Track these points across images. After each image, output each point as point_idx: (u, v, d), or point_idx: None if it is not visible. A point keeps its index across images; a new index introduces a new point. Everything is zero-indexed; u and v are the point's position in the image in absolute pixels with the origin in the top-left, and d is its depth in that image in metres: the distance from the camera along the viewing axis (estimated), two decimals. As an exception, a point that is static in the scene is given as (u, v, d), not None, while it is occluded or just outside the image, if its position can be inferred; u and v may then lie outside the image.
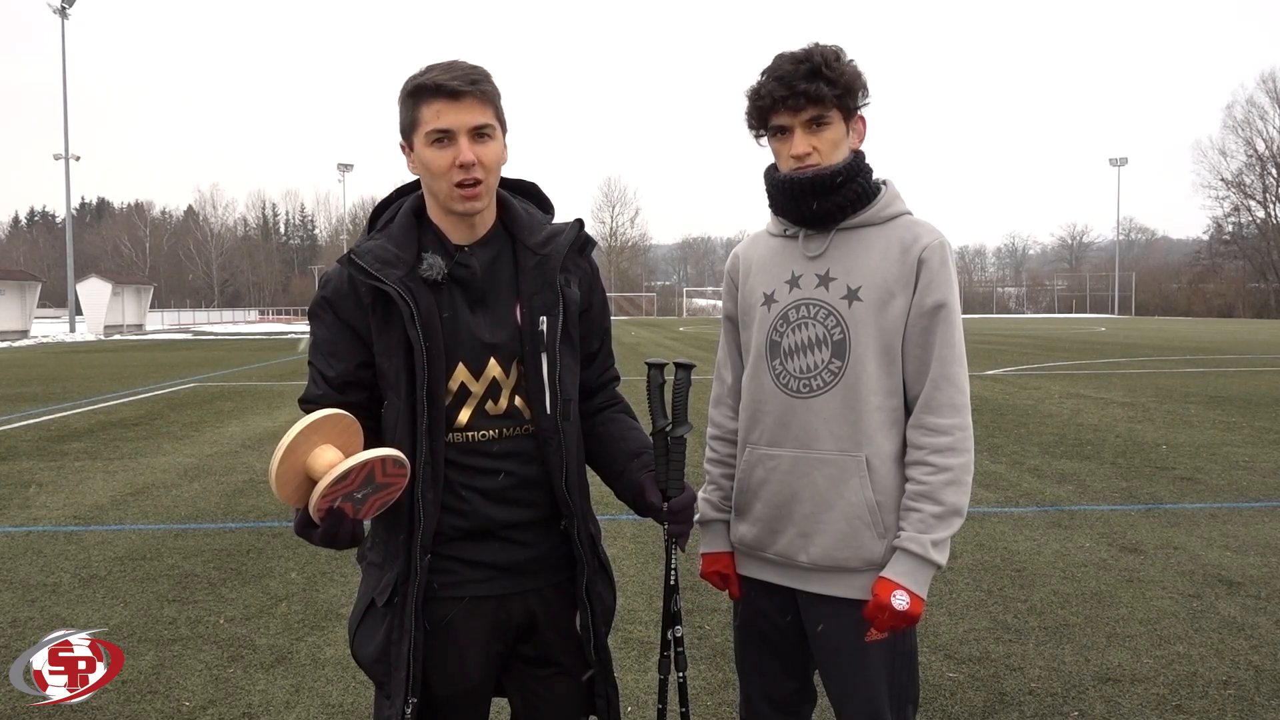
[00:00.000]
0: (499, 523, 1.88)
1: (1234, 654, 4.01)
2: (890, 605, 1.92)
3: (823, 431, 2.00)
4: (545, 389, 1.87)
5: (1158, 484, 7.47)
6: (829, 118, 1.98)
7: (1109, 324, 51.85)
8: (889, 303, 1.98)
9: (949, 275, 1.99)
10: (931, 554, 1.93)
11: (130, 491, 7.50)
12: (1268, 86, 75.45)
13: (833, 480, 2.00)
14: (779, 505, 2.07)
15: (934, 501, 1.94)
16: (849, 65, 1.99)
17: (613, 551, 5.58)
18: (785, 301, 2.08)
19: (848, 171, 1.99)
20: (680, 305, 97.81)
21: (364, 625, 1.90)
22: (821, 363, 2.02)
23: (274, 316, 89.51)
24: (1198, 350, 25.19)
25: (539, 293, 1.88)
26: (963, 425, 1.96)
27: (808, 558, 2.04)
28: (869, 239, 2.03)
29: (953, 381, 1.96)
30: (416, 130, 1.82)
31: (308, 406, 1.83)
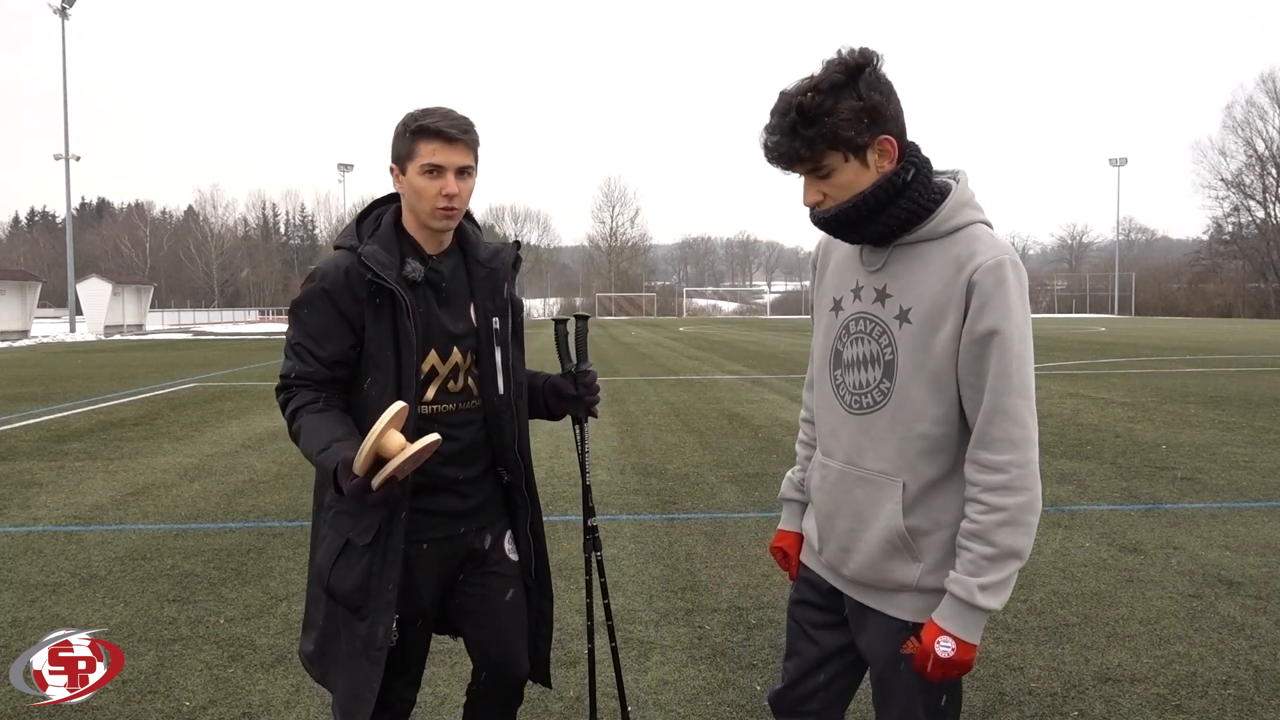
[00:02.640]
0: (449, 479, 2.32)
1: (1234, 654, 4.01)
2: (935, 654, 1.85)
3: (868, 450, 1.96)
4: (499, 374, 2.35)
5: (1158, 484, 7.47)
6: (827, 165, 1.85)
7: (1109, 324, 51.84)
8: (939, 327, 1.85)
9: (1006, 298, 1.80)
10: (978, 598, 1.82)
11: (130, 491, 7.50)
12: (1267, 86, 75.48)
13: (871, 500, 1.96)
14: (827, 515, 2.07)
15: (986, 543, 1.83)
16: (845, 106, 1.79)
17: (611, 551, 5.58)
18: (849, 311, 2.01)
19: (875, 200, 1.85)
20: (680, 305, 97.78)
21: (341, 562, 2.27)
22: (874, 380, 1.95)
23: (274, 316, 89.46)
24: (1198, 350, 25.19)
25: (491, 299, 2.37)
26: (1020, 462, 1.81)
27: (848, 571, 2.04)
28: (928, 255, 1.89)
29: (1009, 414, 1.81)
30: (412, 160, 2.21)
31: (297, 381, 2.25)
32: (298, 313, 2.24)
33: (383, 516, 2.21)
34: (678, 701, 3.63)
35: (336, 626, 2.34)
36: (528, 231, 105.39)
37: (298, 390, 2.25)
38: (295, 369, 2.24)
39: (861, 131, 1.81)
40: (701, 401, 13.45)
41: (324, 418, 2.18)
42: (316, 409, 2.20)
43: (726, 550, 5.64)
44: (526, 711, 3.57)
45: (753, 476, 7.89)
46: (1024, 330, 1.83)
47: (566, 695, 3.68)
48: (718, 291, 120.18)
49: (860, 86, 1.80)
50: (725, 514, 6.60)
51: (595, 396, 2.54)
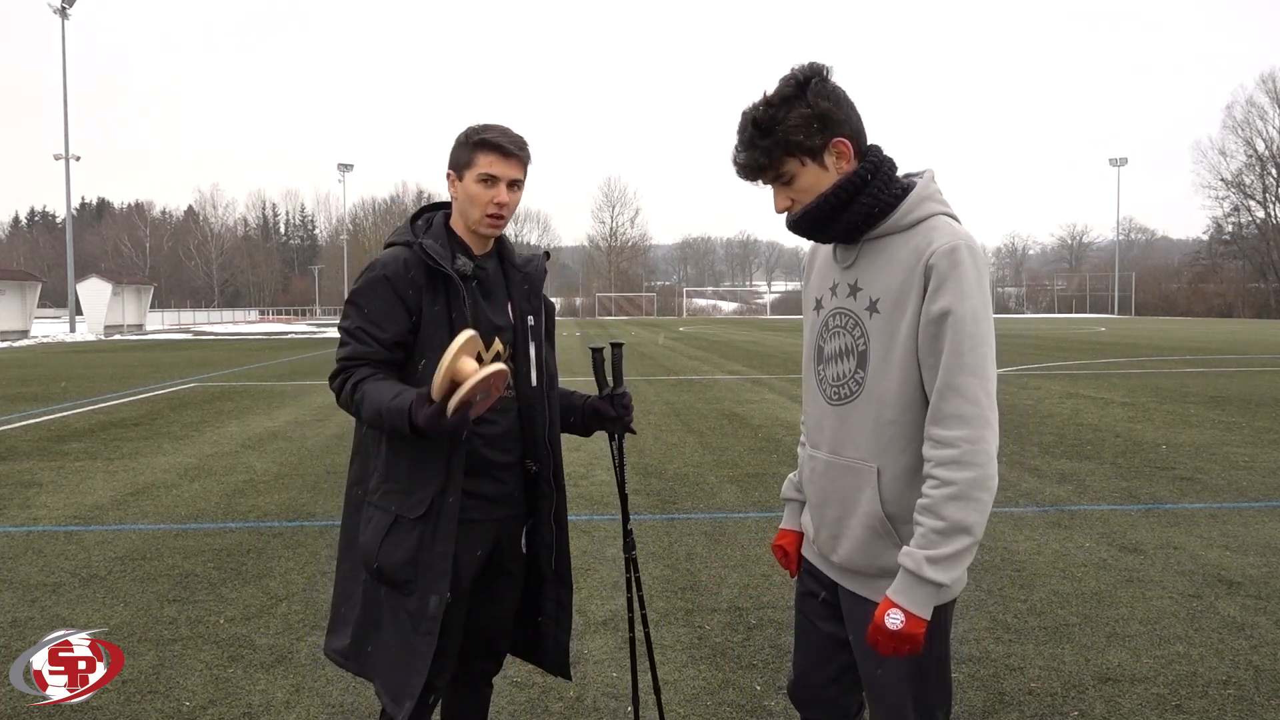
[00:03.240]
0: (490, 462, 2.45)
1: (1234, 654, 4.01)
2: (884, 625, 1.90)
3: (847, 439, 2.05)
4: (533, 367, 2.52)
5: (1158, 484, 7.47)
6: (787, 171, 1.98)
7: (1109, 324, 51.84)
8: (902, 313, 1.94)
9: (960, 279, 1.88)
10: (926, 570, 1.87)
11: (130, 491, 7.50)
12: (1267, 87, 75.49)
13: (853, 487, 2.04)
14: (817, 504, 2.17)
15: (936, 516, 1.88)
16: (795, 115, 1.93)
17: (612, 551, 5.58)
18: (828, 308, 2.13)
19: (836, 199, 1.97)
20: (680, 305, 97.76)
21: (391, 537, 2.36)
22: (849, 372, 2.05)
23: (274, 316, 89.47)
24: (1198, 350, 25.19)
25: (527, 299, 2.56)
26: (972, 438, 1.87)
27: (837, 558, 2.12)
28: (893, 247, 1.99)
29: (960, 392, 1.87)
30: (470, 169, 2.40)
31: (355, 363, 2.37)
32: (357, 300, 2.38)
33: (434, 490, 2.34)
34: (678, 701, 3.63)
35: (377, 615, 2.42)
36: (528, 231, 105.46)
37: (355, 369, 2.37)
38: (355, 351, 2.37)
39: (813, 135, 1.94)
40: (701, 401, 13.45)
41: (387, 381, 2.32)
42: (378, 378, 2.33)
43: (726, 550, 5.64)
44: (526, 711, 3.57)
45: (753, 476, 7.89)
46: (979, 312, 1.89)
47: (566, 695, 3.68)
48: (718, 291, 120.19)
49: (809, 96, 1.93)
50: (725, 514, 6.60)
51: (631, 415, 2.70)
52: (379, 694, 2.45)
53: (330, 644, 2.54)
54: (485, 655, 2.67)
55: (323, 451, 9.37)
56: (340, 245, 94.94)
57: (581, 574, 5.11)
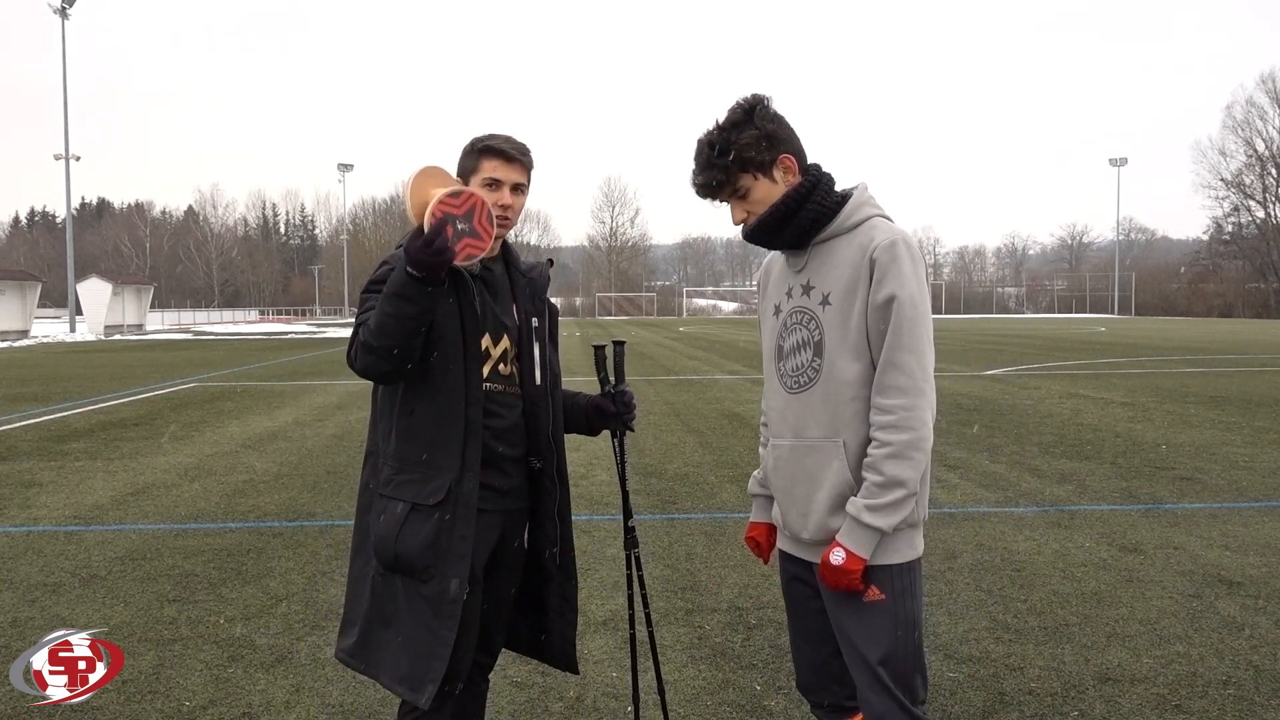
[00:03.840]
0: (498, 455, 2.50)
1: (1234, 654, 4.01)
2: (829, 560, 2.17)
3: (810, 421, 2.27)
4: (537, 366, 2.59)
5: (1158, 484, 7.47)
6: (742, 185, 2.26)
7: (1109, 324, 51.85)
8: (853, 302, 2.20)
9: (900, 269, 2.15)
10: (865, 517, 2.14)
11: (130, 491, 7.50)
12: (1267, 87, 75.50)
13: (820, 464, 2.26)
14: (785, 488, 2.35)
15: (876, 472, 2.15)
16: (746, 136, 2.21)
17: (612, 551, 5.58)
18: (785, 310, 2.37)
19: (786, 207, 2.24)
20: (680, 305, 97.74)
21: (408, 526, 2.38)
22: (806, 362, 2.29)
23: (274, 316, 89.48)
24: (1198, 350, 25.19)
25: (531, 301, 2.64)
26: (908, 405, 2.13)
27: (808, 534, 2.30)
28: (838, 248, 2.26)
29: (898, 366, 2.14)
30: (476, 174, 2.49)
31: None
32: (374, 288, 2.40)
33: (451, 478, 2.38)
34: (678, 701, 3.63)
35: (387, 610, 2.44)
36: (528, 231, 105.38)
37: None
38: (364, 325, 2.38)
39: (763, 152, 2.23)
40: (701, 401, 13.45)
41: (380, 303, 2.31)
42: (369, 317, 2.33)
43: (726, 550, 5.64)
44: (526, 711, 3.57)
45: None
46: (916, 297, 2.17)
47: (567, 695, 3.68)
48: (718, 291, 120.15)
49: (756, 119, 2.23)
50: (725, 514, 6.60)
51: (632, 414, 2.78)
52: (392, 687, 2.42)
53: (339, 644, 2.55)
54: (481, 649, 2.69)
55: (323, 451, 9.37)
56: (340, 245, 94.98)
57: (582, 574, 5.08)
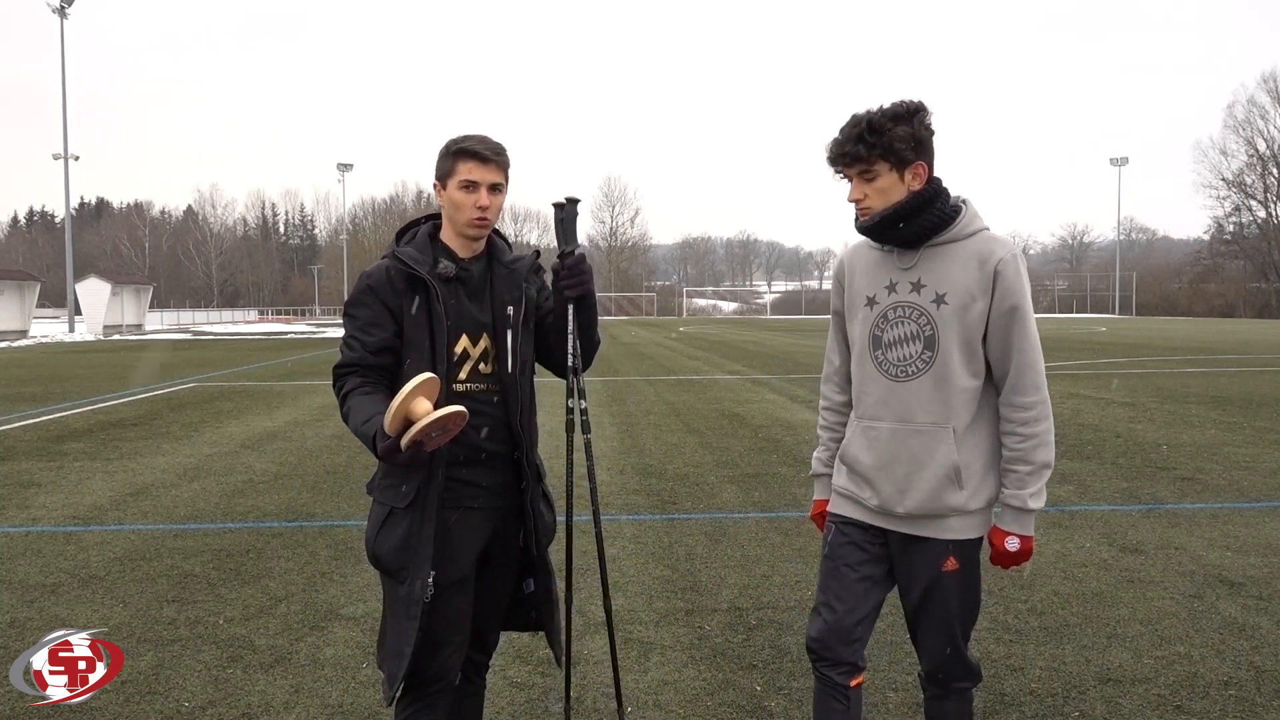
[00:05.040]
0: (484, 451, 2.59)
1: (1235, 654, 4.00)
2: (1005, 549, 2.48)
3: (916, 408, 2.47)
4: (509, 354, 2.63)
5: (1158, 484, 7.46)
6: (875, 171, 2.41)
7: (1110, 324, 51.85)
8: (970, 306, 2.41)
9: (1022, 283, 2.42)
10: (1029, 504, 2.46)
11: (130, 492, 7.49)
12: (1269, 86, 75.50)
13: (926, 446, 2.46)
14: (882, 466, 2.52)
15: (1026, 462, 2.45)
16: (901, 130, 2.36)
17: (612, 551, 5.57)
18: (885, 303, 2.52)
19: (906, 210, 2.41)
20: (680, 305, 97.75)
21: (385, 528, 2.52)
22: (915, 354, 2.47)
23: (273, 316, 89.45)
24: (1198, 350, 25.19)
25: (508, 290, 2.68)
26: (1042, 400, 2.45)
27: (904, 508, 2.50)
28: (953, 253, 2.45)
29: (1032, 367, 2.43)
30: (453, 177, 2.56)
31: (346, 369, 2.53)
32: (349, 311, 2.57)
33: (420, 480, 2.49)
34: (678, 702, 3.62)
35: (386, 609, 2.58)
36: (528, 231, 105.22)
37: (348, 377, 2.54)
38: (346, 358, 2.55)
39: (908, 150, 2.38)
40: (701, 401, 13.45)
41: (369, 398, 2.47)
42: (364, 392, 2.49)
43: (726, 550, 5.64)
44: (526, 711, 3.56)
45: (753, 477, 7.89)
46: (1030, 307, 2.46)
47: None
48: (718, 291, 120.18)
49: (915, 122, 2.39)
50: (725, 514, 6.59)
51: (571, 280, 2.69)
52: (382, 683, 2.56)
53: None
54: (475, 646, 2.75)
55: (322, 451, 9.36)
56: (340, 245, 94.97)
57: (581, 574, 5.09)
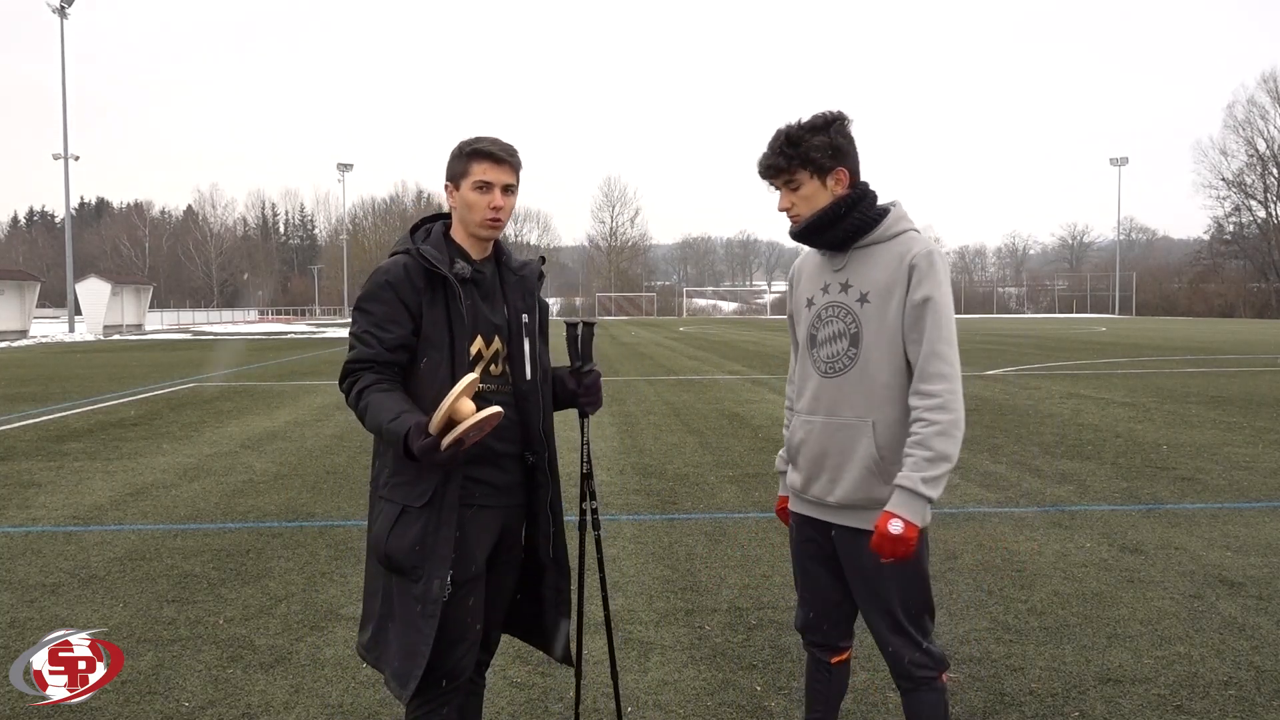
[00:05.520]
0: (495, 452, 2.59)
1: (1235, 654, 4.00)
2: (888, 531, 2.43)
3: (843, 402, 2.58)
4: (527, 361, 2.67)
5: (1158, 484, 7.46)
6: (797, 180, 2.56)
7: (1110, 324, 51.85)
8: (890, 302, 2.51)
9: (935, 276, 2.49)
10: (921, 488, 2.43)
11: (130, 492, 7.49)
12: (1269, 86, 75.52)
13: (851, 439, 2.57)
14: (815, 458, 2.65)
15: (925, 448, 2.44)
16: (818, 140, 2.51)
17: (612, 552, 5.57)
18: (819, 304, 2.66)
19: (830, 215, 2.55)
20: (680, 305, 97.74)
21: (398, 526, 2.50)
22: (841, 351, 2.59)
23: (274, 316, 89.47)
24: (1198, 350, 25.19)
25: (522, 298, 2.72)
26: (950, 390, 2.46)
27: (834, 498, 2.61)
28: (878, 254, 2.57)
29: (940, 356, 2.47)
30: (466, 178, 2.58)
31: (361, 365, 2.50)
32: (364, 306, 2.54)
33: (438, 480, 2.47)
34: (678, 702, 3.62)
35: (392, 606, 2.55)
36: (528, 231, 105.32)
37: (362, 373, 2.50)
38: (360, 354, 2.51)
39: (826, 159, 2.54)
40: (701, 401, 13.45)
41: (391, 395, 2.45)
42: (383, 389, 2.47)
43: (726, 550, 5.64)
44: (526, 711, 3.56)
45: (753, 476, 7.89)
46: (947, 299, 2.51)
47: (566, 696, 3.67)
48: (718, 291, 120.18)
49: (831, 131, 2.55)
50: (725, 514, 6.59)
51: (591, 398, 2.84)
52: (388, 683, 2.54)
53: (359, 639, 2.67)
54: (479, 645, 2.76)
55: (322, 451, 9.36)
56: (340, 245, 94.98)
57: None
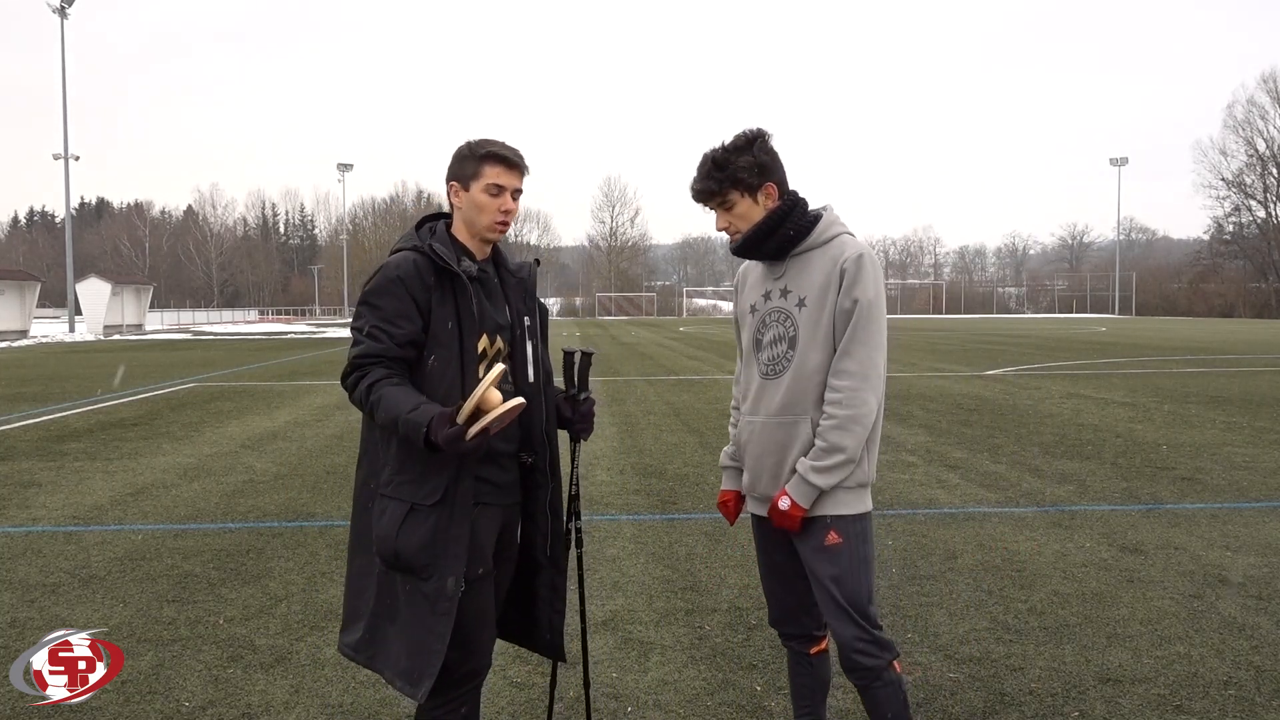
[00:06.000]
0: (497, 451, 2.60)
1: (1235, 654, 4.01)
2: (776, 505, 2.67)
3: (780, 403, 2.70)
4: (530, 364, 2.71)
5: (1158, 484, 7.46)
6: (730, 200, 2.71)
7: (1110, 324, 51.86)
8: (824, 305, 2.65)
9: (865, 279, 2.61)
10: (810, 476, 2.61)
11: (130, 491, 7.49)
12: (1268, 86, 75.48)
13: (788, 436, 2.69)
14: (758, 457, 2.77)
15: (821, 439, 2.62)
16: (743, 160, 2.65)
17: (612, 551, 5.57)
18: (762, 310, 2.80)
19: (764, 228, 2.69)
20: (680, 305, 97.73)
21: (407, 525, 2.48)
22: (781, 353, 2.71)
23: (274, 316, 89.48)
24: (1198, 350, 25.19)
25: (522, 300, 2.76)
26: (853, 387, 2.59)
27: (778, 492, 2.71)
28: (813, 260, 2.70)
29: (851, 355, 2.61)
30: (478, 180, 2.60)
31: (370, 360, 2.49)
32: (371, 301, 2.53)
33: (448, 478, 2.48)
34: (678, 702, 3.63)
35: (391, 606, 2.54)
36: (527, 231, 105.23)
37: (370, 368, 2.49)
38: (369, 349, 2.49)
39: (753, 177, 2.68)
40: (701, 401, 13.45)
41: (405, 388, 2.45)
42: (394, 382, 2.46)
43: (726, 550, 5.64)
44: (526, 711, 3.57)
45: (753, 476, 7.87)
46: (875, 301, 2.62)
47: (566, 695, 3.67)
48: (718, 291, 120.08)
49: (755, 149, 2.69)
50: (725, 514, 6.58)
51: (585, 425, 2.89)
52: (392, 683, 2.53)
53: (343, 639, 2.63)
54: None
55: (323, 451, 9.36)
56: (340, 245, 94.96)
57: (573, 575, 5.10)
